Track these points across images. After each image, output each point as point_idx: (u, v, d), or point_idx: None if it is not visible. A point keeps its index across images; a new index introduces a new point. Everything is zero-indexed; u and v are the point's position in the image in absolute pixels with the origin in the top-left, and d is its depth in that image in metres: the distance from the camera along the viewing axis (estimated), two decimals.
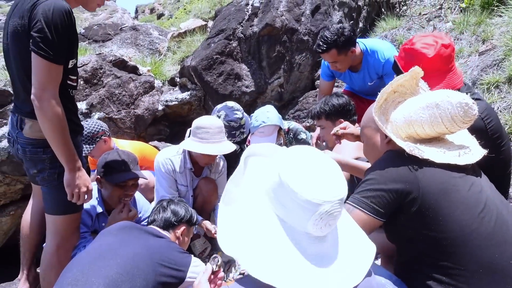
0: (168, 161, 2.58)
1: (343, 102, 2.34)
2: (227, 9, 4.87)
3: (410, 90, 1.37)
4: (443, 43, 1.71)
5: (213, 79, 4.26)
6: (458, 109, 1.19)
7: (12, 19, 1.68)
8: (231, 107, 3.08)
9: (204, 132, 2.40)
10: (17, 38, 1.65)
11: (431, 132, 1.26)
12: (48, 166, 1.78)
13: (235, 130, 3.01)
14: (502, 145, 1.75)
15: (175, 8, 27.66)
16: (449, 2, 4.63)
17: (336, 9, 4.68)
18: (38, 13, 1.56)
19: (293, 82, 4.50)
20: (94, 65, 3.63)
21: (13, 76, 1.80)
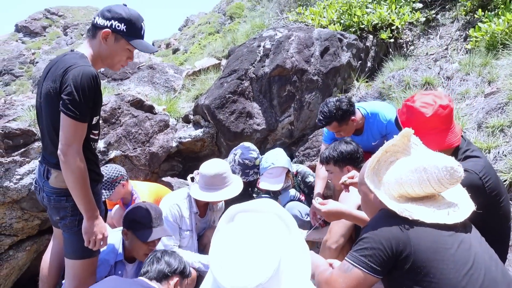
0: (176, 207, 2.66)
1: (351, 149, 2.43)
2: (239, 50, 5.09)
3: (402, 148, 1.46)
4: (441, 104, 1.78)
5: (225, 117, 4.41)
6: (444, 173, 1.27)
7: (46, 82, 1.86)
8: (247, 147, 3.29)
9: (210, 179, 2.51)
10: (49, 99, 1.83)
11: (421, 193, 1.34)
12: (70, 213, 1.92)
13: (249, 169, 3.16)
14: (500, 201, 1.79)
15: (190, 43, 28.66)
16: (455, 43, 4.77)
17: (345, 50, 4.85)
18: (69, 78, 1.74)
19: (303, 120, 4.62)
20: (113, 105, 3.82)
21: (43, 131, 1.97)
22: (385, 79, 4.20)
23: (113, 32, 1.89)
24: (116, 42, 1.91)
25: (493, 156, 2.48)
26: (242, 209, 1.18)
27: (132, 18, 1.91)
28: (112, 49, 1.92)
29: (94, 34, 1.92)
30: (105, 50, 1.92)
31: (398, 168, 1.38)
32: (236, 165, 3.20)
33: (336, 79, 4.75)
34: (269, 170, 3.01)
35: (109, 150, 3.67)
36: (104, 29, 1.88)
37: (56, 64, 1.86)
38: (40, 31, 34.72)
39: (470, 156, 1.82)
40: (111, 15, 1.88)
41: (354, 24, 5.10)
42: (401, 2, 5.17)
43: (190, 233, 2.70)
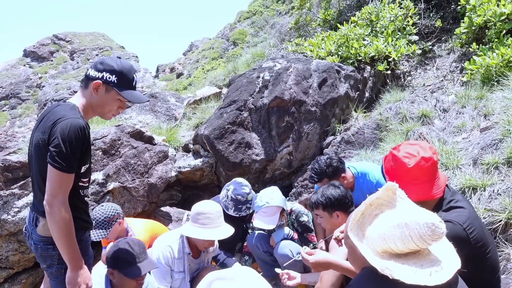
0: (168, 248, 2.65)
1: (339, 195, 2.38)
2: (239, 80, 5.19)
3: (386, 201, 1.44)
4: (423, 156, 1.81)
5: (224, 147, 4.45)
6: (425, 229, 1.26)
7: (36, 132, 1.93)
8: (239, 182, 3.30)
9: (205, 218, 2.53)
10: (38, 149, 1.88)
11: (404, 249, 1.32)
12: (56, 262, 1.93)
13: (241, 204, 3.18)
14: (487, 252, 1.77)
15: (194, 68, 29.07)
16: (451, 75, 4.84)
17: (343, 81, 4.93)
18: (57, 130, 1.79)
19: (302, 150, 4.65)
20: (113, 137, 3.87)
21: (33, 179, 2.01)
22: (383, 110, 4.25)
23: (104, 83, 1.94)
24: (107, 92, 1.96)
25: (488, 194, 2.47)
26: (219, 277, 1.19)
27: (123, 69, 1.97)
28: (103, 99, 1.98)
29: (87, 85, 1.98)
30: (96, 100, 1.97)
31: (381, 223, 1.37)
32: (229, 201, 3.22)
33: (334, 110, 4.80)
34: (263, 209, 3.01)
35: (108, 182, 3.70)
36: (96, 80, 1.94)
37: (47, 115, 1.91)
38: (47, 56, 35.49)
39: (455, 207, 1.81)
40: (103, 67, 1.95)
41: (351, 56, 5.20)
42: (397, 34, 5.29)
43: (183, 275, 2.68)
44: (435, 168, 1.84)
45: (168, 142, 5.11)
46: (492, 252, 1.80)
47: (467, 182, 2.64)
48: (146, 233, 2.97)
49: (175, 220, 4.55)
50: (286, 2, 22.94)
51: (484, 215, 2.38)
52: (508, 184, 2.46)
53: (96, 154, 3.77)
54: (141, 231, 2.95)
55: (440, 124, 3.78)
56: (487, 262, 1.77)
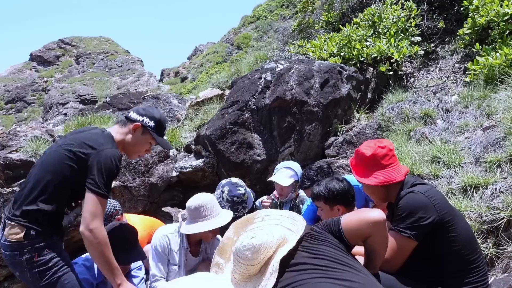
0: (165, 238, 2.64)
1: (342, 188, 2.34)
2: (241, 81, 5.19)
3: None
4: (379, 145, 2.07)
5: (226, 147, 4.43)
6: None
7: (65, 144, 2.02)
8: (234, 183, 3.29)
9: (205, 210, 2.51)
10: (70, 158, 1.97)
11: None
12: (26, 268, 1.91)
13: (237, 205, 3.18)
14: (454, 223, 1.86)
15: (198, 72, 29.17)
16: (454, 76, 4.81)
17: (345, 82, 4.92)
18: (101, 159, 1.94)
19: (304, 150, 4.62)
20: None
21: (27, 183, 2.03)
22: (385, 111, 4.22)
23: (143, 126, 2.15)
24: (143, 135, 2.17)
25: (490, 192, 2.44)
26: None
27: (161, 118, 2.23)
28: (137, 140, 2.18)
29: (125, 125, 2.18)
30: (130, 139, 2.17)
31: None
32: (224, 202, 3.20)
33: (336, 111, 4.78)
34: (283, 170, 3.23)
35: None
36: (136, 122, 2.15)
37: (85, 135, 2.06)
38: (53, 60, 35.77)
39: (417, 184, 1.99)
40: (144, 113, 2.18)
41: (354, 57, 5.19)
42: (400, 36, 5.27)
43: (178, 269, 2.64)
44: (392, 155, 2.07)
45: (170, 143, 5.10)
46: (461, 226, 1.88)
47: (469, 180, 2.61)
48: (145, 229, 2.96)
49: (176, 221, 4.53)
50: (290, 7, 23.02)
51: (486, 213, 2.34)
52: (511, 182, 2.43)
53: None
54: (139, 227, 2.93)
55: (442, 124, 3.75)
56: (457, 234, 1.85)
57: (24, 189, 2.02)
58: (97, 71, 33.13)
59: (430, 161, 2.98)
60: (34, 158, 3.36)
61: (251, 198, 3.36)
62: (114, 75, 32.37)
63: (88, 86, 30.41)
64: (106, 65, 33.91)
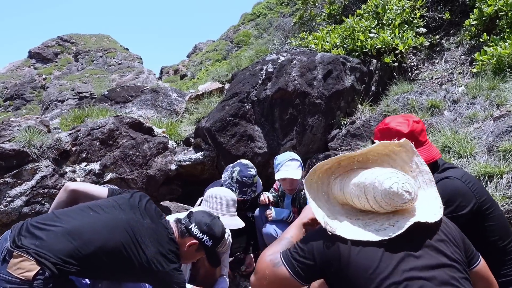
0: None
1: None
2: (242, 73, 5.06)
3: (378, 158, 1.37)
4: (414, 120, 1.84)
5: (226, 140, 4.31)
6: (382, 195, 1.22)
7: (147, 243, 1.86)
8: (245, 164, 3.16)
9: (215, 202, 2.38)
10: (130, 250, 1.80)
11: (361, 207, 1.30)
12: None
13: (247, 187, 3.04)
14: (492, 211, 1.72)
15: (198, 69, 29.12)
16: (460, 67, 4.69)
17: (348, 73, 4.79)
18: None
19: (306, 143, 4.50)
20: (111, 127, 3.75)
21: (73, 233, 1.73)
22: (390, 102, 4.11)
23: (200, 244, 2.05)
24: (197, 251, 2.07)
25: (506, 181, 2.32)
26: None
27: (221, 235, 2.11)
28: (190, 254, 2.07)
29: (183, 235, 2.06)
30: (184, 251, 2.04)
31: (350, 178, 1.34)
32: (233, 183, 3.05)
33: (339, 103, 4.66)
34: (287, 163, 3.00)
35: (105, 173, 3.57)
36: (194, 240, 2.04)
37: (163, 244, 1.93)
38: (52, 58, 35.59)
39: (449, 168, 1.84)
40: (207, 230, 2.06)
41: (357, 48, 5.06)
42: (404, 27, 5.15)
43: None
44: (425, 129, 1.89)
45: (169, 136, 4.98)
46: (498, 213, 1.73)
47: (482, 170, 2.50)
48: None
49: None
50: (290, 5, 22.87)
51: (502, 202, 2.23)
52: None
53: (93, 144, 3.65)
54: None
55: (450, 115, 3.63)
56: (495, 222, 1.70)
57: (61, 237, 1.70)
58: (96, 68, 32.97)
59: (440, 150, 2.86)
60: (27, 148, 3.23)
61: (260, 183, 3.24)
62: (113, 73, 32.18)
63: (87, 83, 30.27)
64: (105, 63, 33.75)
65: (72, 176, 3.39)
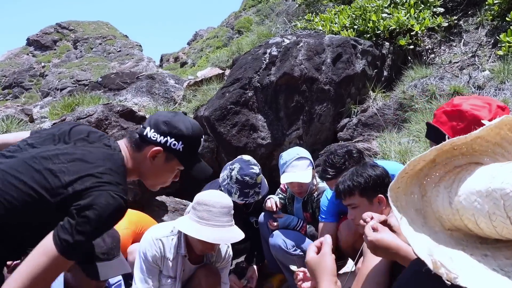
0: (158, 243, 2.04)
1: (381, 172, 1.82)
2: (244, 57, 4.69)
3: (491, 146, 0.79)
4: (498, 105, 1.40)
5: (226, 130, 3.97)
6: None
7: (55, 156, 1.29)
8: (247, 160, 2.69)
9: (204, 211, 1.92)
10: (37, 185, 1.24)
11: (490, 231, 0.70)
12: None
13: (249, 188, 2.58)
14: None
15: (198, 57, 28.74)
16: (482, 50, 4.30)
17: (359, 57, 4.41)
18: (94, 201, 1.22)
19: (313, 133, 4.15)
20: (100, 116, 3.41)
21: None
22: (406, 88, 3.74)
23: (165, 151, 1.46)
24: (166, 162, 1.49)
25: None
26: None
27: (193, 134, 1.49)
28: (159, 169, 1.50)
29: (140, 147, 1.46)
30: (149, 169, 1.48)
31: (466, 182, 0.75)
32: (232, 184, 2.59)
33: (349, 89, 4.29)
34: (293, 163, 2.52)
35: None
36: (156, 147, 1.44)
37: (91, 149, 1.36)
38: (50, 45, 35.07)
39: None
40: (168, 130, 1.45)
41: (369, 30, 4.67)
42: (420, 6, 4.73)
43: (173, 281, 2.05)
44: None
45: None
46: None
47: None
48: (129, 227, 2.44)
49: (171, 211, 4.10)
50: None
51: None
52: None
53: None
54: (122, 223, 2.38)
55: None
56: None
57: None
58: (95, 56, 32.49)
59: None
60: None
61: (265, 183, 2.76)
62: (113, 60, 31.71)
63: (86, 71, 29.85)
64: (104, 50, 33.25)
65: None
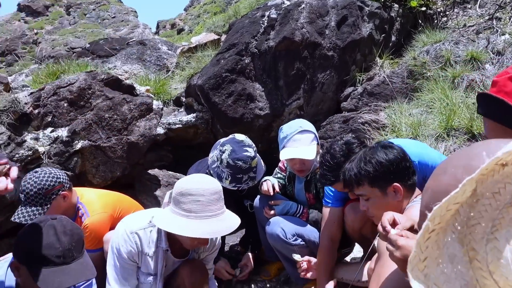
0: (134, 237, 1.74)
1: (395, 157, 1.50)
2: (240, 21, 4.34)
3: None
4: None
5: (221, 100, 3.69)
6: None
7: None
8: (240, 141, 2.29)
9: (191, 202, 1.61)
10: None
11: None
12: None
13: (242, 174, 2.23)
14: None
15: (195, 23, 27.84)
16: (501, 12, 3.94)
17: (366, 20, 4.05)
18: None
19: (315, 103, 3.88)
20: (82, 85, 3.11)
21: None
22: (418, 54, 3.43)
23: None
24: None
25: None
26: None
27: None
28: None
29: None
30: None
31: None
32: (223, 167, 2.24)
33: (355, 55, 3.97)
34: (295, 136, 2.20)
35: (74, 140, 2.99)
36: None
37: None
38: (42, 11, 33.84)
39: None
40: None
41: None
42: None
43: (153, 279, 1.79)
44: None
45: (157, 95, 4.34)
46: None
47: None
48: (106, 210, 2.15)
49: (164, 185, 3.89)
50: None
51: None
52: None
53: (60, 105, 3.03)
54: (97, 206, 2.14)
55: (493, 69, 2.98)
56: None
57: None
58: (89, 22, 31.41)
59: None
60: None
61: (262, 165, 2.41)
62: (107, 27, 30.65)
63: (80, 38, 28.94)
64: (98, 16, 32.11)
65: (34, 145, 2.80)
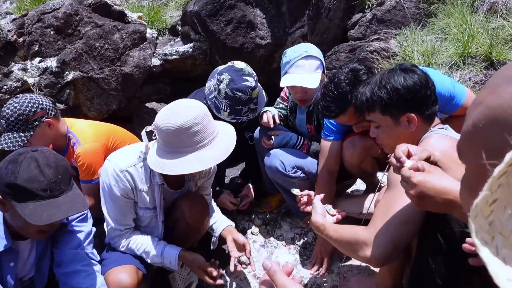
0: (125, 175, 1.61)
1: (412, 83, 1.31)
2: None
3: None
4: None
5: (220, 28, 3.46)
6: None
7: None
8: (240, 69, 2.07)
9: (191, 135, 1.45)
10: None
11: None
12: None
13: (242, 105, 2.05)
14: None
15: None
16: None
17: None
18: None
19: (320, 32, 3.63)
20: (68, 10, 2.87)
21: None
22: None
23: None
24: None
25: None
26: None
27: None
28: None
29: None
30: None
31: None
32: (221, 98, 2.07)
33: None
34: (299, 62, 2.00)
35: (65, 71, 2.83)
36: None
37: None
38: None
39: None
40: None
41: None
42: None
43: (153, 212, 1.74)
44: None
45: (151, 23, 4.07)
46: None
47: None
48: (99, 140, 2.04)
49: None
50: None
51: None
52: None
53: (47, 33, 2.83)
54: (89, 135, 2.03)
55: None
56: None
57: None
58: None
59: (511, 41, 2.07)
60: None
61: (263, 95, 2.23)
62: None
63: None
64: None
65: (22, 76, 2.66)
